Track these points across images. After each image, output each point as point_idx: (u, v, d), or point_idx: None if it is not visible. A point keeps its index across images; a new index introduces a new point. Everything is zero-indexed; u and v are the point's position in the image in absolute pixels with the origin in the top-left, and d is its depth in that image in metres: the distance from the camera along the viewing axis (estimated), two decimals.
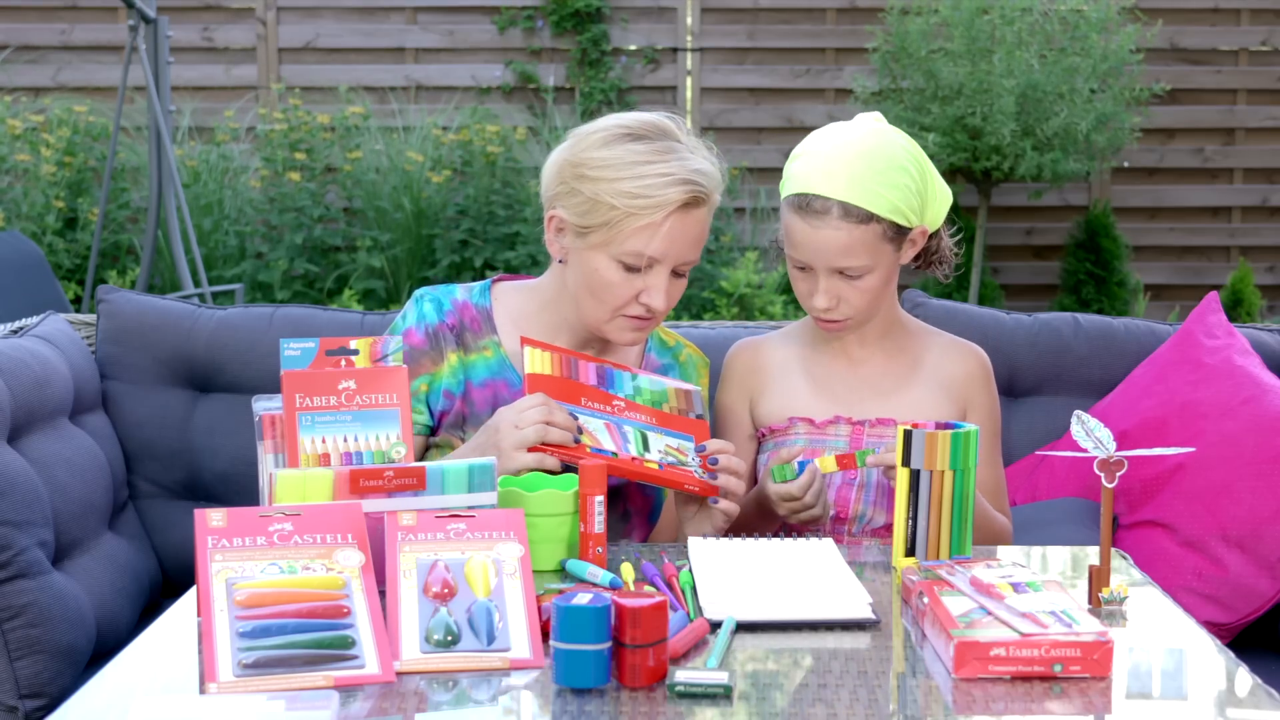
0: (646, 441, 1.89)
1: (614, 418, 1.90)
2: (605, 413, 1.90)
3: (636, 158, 1.93)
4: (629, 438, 1.89)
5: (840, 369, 2.09)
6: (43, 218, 6.07)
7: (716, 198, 1.98)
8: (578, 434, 1.83)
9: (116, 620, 2.21)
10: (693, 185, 1.92)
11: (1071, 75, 5.99)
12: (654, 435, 1.91)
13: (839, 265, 1.97)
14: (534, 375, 1.88)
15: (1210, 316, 2.47)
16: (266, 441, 1.67)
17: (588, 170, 1.94)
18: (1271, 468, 2.26)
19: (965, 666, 1.37)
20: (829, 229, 1.95)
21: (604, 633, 1.33)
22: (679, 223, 1.93)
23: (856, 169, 1.95)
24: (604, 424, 1.88)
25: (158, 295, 2.66)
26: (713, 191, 1.97)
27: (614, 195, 1.91)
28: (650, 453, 1.88)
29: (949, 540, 1.72)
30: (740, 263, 6.19)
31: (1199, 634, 1.53)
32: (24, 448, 2.11)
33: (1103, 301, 6.53)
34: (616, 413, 1.91)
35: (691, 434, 1.94)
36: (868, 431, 2.04)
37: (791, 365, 2.12)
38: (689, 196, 1.92)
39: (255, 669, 1.35)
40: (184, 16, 6.79)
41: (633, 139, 1.95)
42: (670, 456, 1.88)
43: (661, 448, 1.89)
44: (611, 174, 1.92)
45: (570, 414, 1.85)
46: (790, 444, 2.06)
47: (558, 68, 6.86)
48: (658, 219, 1.91)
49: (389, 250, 6.28)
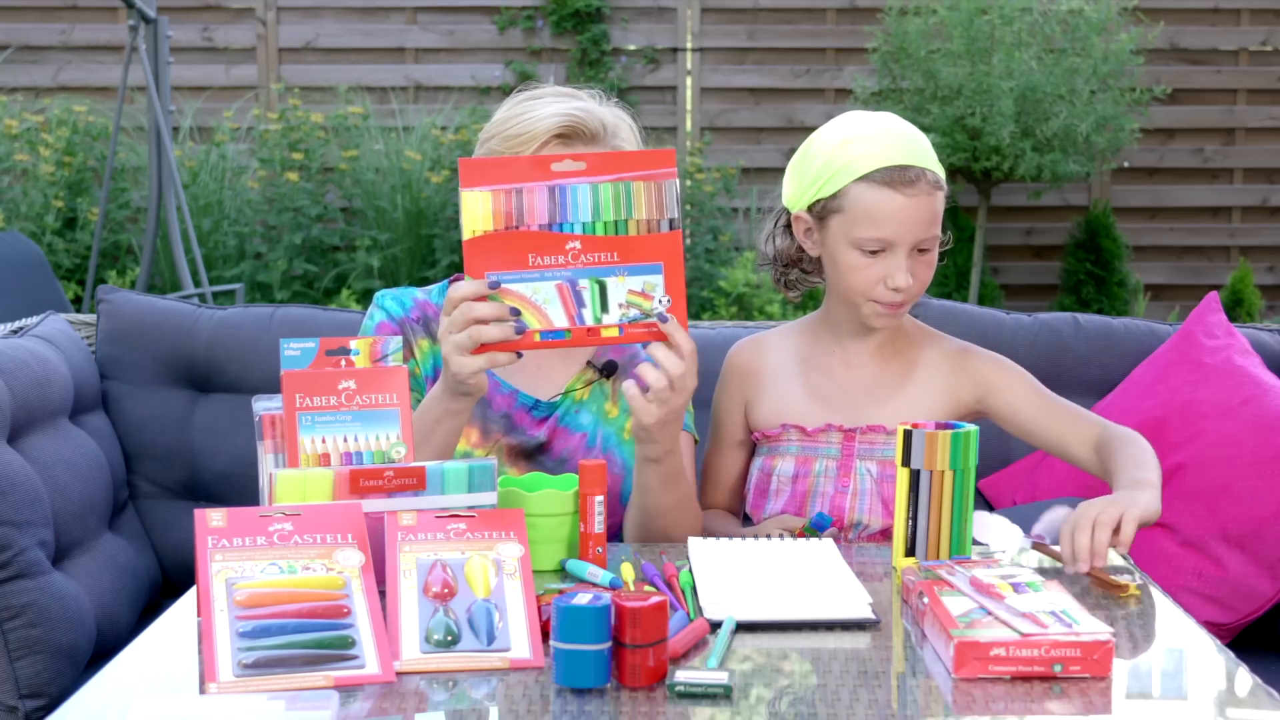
0: (605, 294, 1.71)
1: (567, 271, 1.70)
2: (556, 267, 1.70)
3: (525, 108, 1.98)
4: (584, 298, 1.70)
5: (837, 373, 2.07)
6: (42, 218, 6.07)
7: (615, 142, 1.97)
8: (516, 320, 1.69)
9: (116, 620, 2.21)
10: (570, 117, 1.94)
11: (1071, 76, 6.00)
12: (614, 282, 1.71)
13: (926, 235, 1.96)
14: (472, 241, 1.69)
15: (1210, 316, 2.47)
16: (266, 441, 1.67)
17: (487, 131, 2.00)
18: (1271, 468, 2.26)
19: (965, 666, 1.37)
20: (923, 196, 1.95)
21: (604, 633, 1.33)
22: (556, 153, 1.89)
23: (920, 143, 1.98)
24: (555, 286, 1.70)
25: (158, 295, 2.66)
26: (597, 130, 1.95)
27: (501, 141, 1.96)
28: (609, 311, 1.70)
29: (949, 540, 1.72)
30: (738, 262, 6.19)
31: (1199, 634, 1.53)
32: (24, 448, 2.11)
33: (1103, 301, 6.53)
34: (571, 260, 1.70)
35: (661, 259, 1.72)
36: (859, 439, 2.02)
37: (788, 368, 2.10)
38: (562, 127, 1.93)
39: (255, 669, 1.35)
40: (184, 16, 6.79)
41: (529, 99, 2.00)
42: (633, 309, 1.71)
43: (622, 298, 1.71)
44: (502, 126, 1.98)
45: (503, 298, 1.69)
46: (783, 450, 2.06)
47: (558, 68, 6.86)
48: (531, 150, 1.93)
49: (388, 250, 6.29)
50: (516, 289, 1.69)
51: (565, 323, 1.70)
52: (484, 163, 1.70)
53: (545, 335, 1.70)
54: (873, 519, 2.00)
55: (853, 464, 2.02)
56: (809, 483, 2.02)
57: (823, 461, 2.03)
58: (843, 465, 2.02)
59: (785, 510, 2.03)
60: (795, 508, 2.02)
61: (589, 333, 1.70)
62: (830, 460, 2.02)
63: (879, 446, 2.01)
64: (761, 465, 2.08)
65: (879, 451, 2.01)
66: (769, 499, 2.05)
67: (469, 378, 1.72)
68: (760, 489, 2.07)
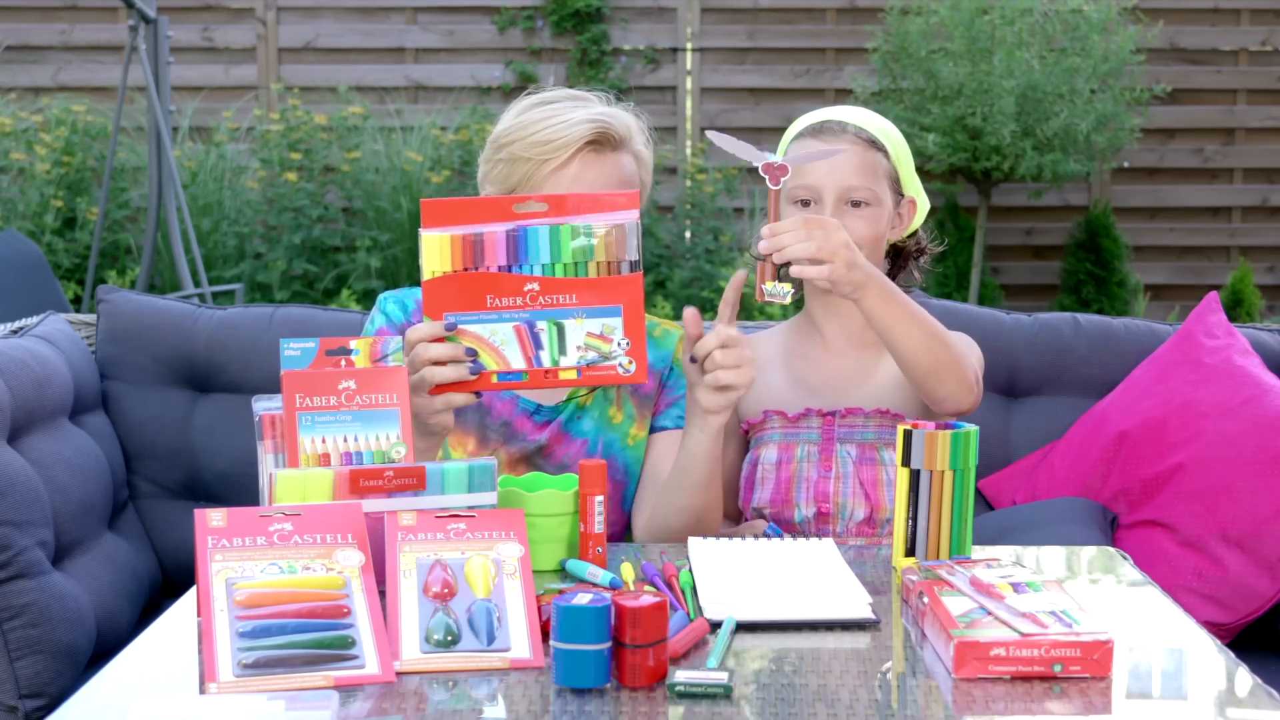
0: (563, 336, 1.72)
1: (524, 314, 1.71)
2: (514, 309, 1.71)
3: (546, 113, 1.98)
4: (542, 340, 1.71)
5: (819, 361, 2.12)
6: (41, 217, 6.07)
7: (637, 147, 2.00)
8: (473, 361, 1.70)
9: (116, 620, 2.21)
10: (601, 122, 1.95)
11: (1072, 76, 6.00)
12: (572, 324, 1.72)
13: (851, 184, 2.01)
14: (430, 282, 1.71)
15: (1210, 316, 2.47)
16: (266, 441, 1.67)
17: (504, 138, 1.99)
18: (1271, 468, 2.26)
19: (965, 666, 1.37)
20: (844, 146, 2.01)
21: (604, 633, 1.33)
22: (592, 164, 1.94)
23: (863, 114, 2.10)
24: (513, 327, 1.71)
25: (158, 295, 2.66)
26: (625, 135, 1.98)
27: (526, 148, 1.95)
28: (567, 353, 1.71)
29: (949, 540, 1.72)
30: (739, 263, 6.19)
31: (1199, 634, 1.53)
32: (24, 448, 2.11)
33: (1103, 301, 6.53)
34: (529, 302, 1.71)
35: (621, 301, 1.72)
36: (838, 422, 2.06)
37: (774, 359, 2.15)
38: (594, 134, 1.94)
39: (255, 669, 1.35)
40: (184, 16, 6.79)
41: (544, 104, 2.00)
42: (591, 351, 1.72)
43: (580, 341, 1.72)
44: (523, 132, 1.97)
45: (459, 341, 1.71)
46: (766, 438, 2.08)
47: (558, 68, 6.86)
48: (563, 159, 1.93)
49: (388, 250, 6.29)
50: (474, 330, 1.71)
51: (523, 364, 1.71)
52: (445, 203, 1.72)
53: (502, 377, 1.71)
54: (856, 505, 2.03)
55: (833, 448, 2.05)
56: (792, 469, 2.05)
57: (804, 447, 2.06)
58: (824, 450, 2.05)
59: (773, 501, 2.06)
60: (780, 497, 2.05)
61: (546, 374, 1.72)
62: (811, 445, 2.06)
63: (857, 429, 2.06)
64: (749, 457, 2.11)
65: (857, 435, 2.05)
66: (755, 489, 2.08)
67: (429, 417, 1.75)
68: (748, 481, 2.10)
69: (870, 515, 2.02)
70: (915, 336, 1.88)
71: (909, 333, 1.88)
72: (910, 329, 1.88)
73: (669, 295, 6.22)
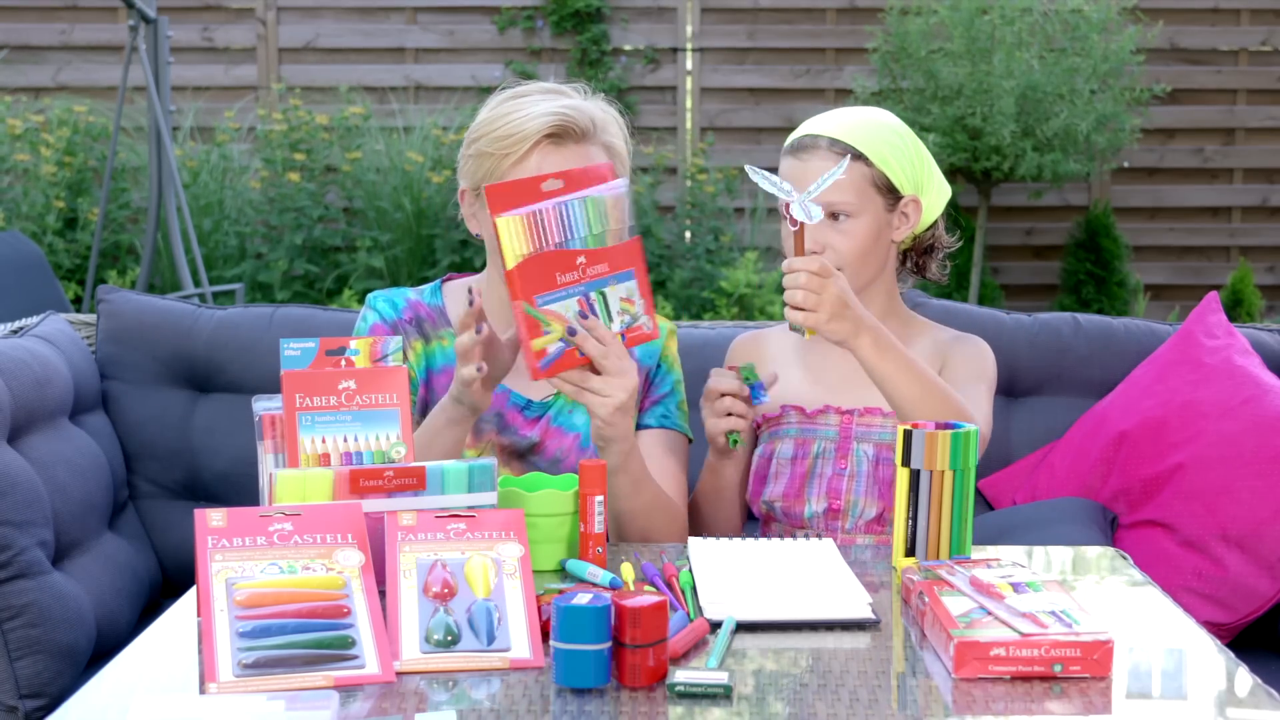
0: (608, 304, 1.80)
1: (581, 287, 1.78)
2: (574, 284, 1.78)
3: (510, 108, 1.95)
4: (596, 310, 1.79)
5: (835, 357, 2.10)
6: (43, 218, 6.07)
7: (607, 139, 1.96)
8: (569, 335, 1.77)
9: (116, 620, 2.21)
10: (560, 115, 1.91)
11: (1072, 76, 5.99)
12: (610, 292, 1.80)
13: (825, 199, 1.99)
14: (517, 268, 1.74)
15: (1210, 316, 2.47)
16: (266, 441, 1.67)
17: (474, 133, 1.98)
18: (1271, 468, 2.26)
19: (965, 666, 1.37)
20: (816, 160, 2.02)
21: (604, 633, 1.33)
22: (550, 156, 1.91)
23: (849, 119, 2.07)
24: (577, 301, 1.78)
25: (158, 295, 2.66)
26: (588, 127, 1.93)
27: (489, 143, 1.94)
28: (613, 320, 1.80)
29: (949, 540, 1.72)
30: (740, 263, 6.18)
31: (1199, 634, 1.53)
32: (24, 448, 2.11)
33: (1103, 301, 6.53)
34: (582, 275, 1.78)
35: (633, 265, 1.81)
36: (856, 420, 2.06)
37: (789, 355, 2.15)
38: (552, 127, 1.91)
39: (255, 669, 1.35)
40: (184, 16, 6.79)
41: (513, 98, 1.97)
42: (625, 315, 1.81)
43: (618, 307, 1.81)
44: (489, 127, 1.95)
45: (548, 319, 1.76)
46: (783, 433, 2.08)
47: (558, 68, 6.86)
48: (521, 152, 1.91)
49: (389, 250, 6.28)
50: (555, 308, 1.77)
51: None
52: (505, 188, 1.75)
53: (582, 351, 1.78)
54: (868, 504, 2.03)
55: (850, 446, 2.05)
56: (807, 464, 2.05)
57: (821, 443, 2.06)
58: (840, 447, 2.05)
59: (785, 494, 2.06)
60: (793, 491, 2.05)
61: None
62: (829, 442, 2.06)
63: (875, 429, 2.05)
64: (762, 450, 2.10)
65: (875, 434, 2.05)
66: (768, 483, 2.07)
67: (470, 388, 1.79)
68: (760, 474, 2.09)
69: (881, 514, 2.02)
70: (911, 390, 1.89)
71: (905, 385, 1.89)
72: (906, 382, 1.89)
73: (669, 295, 6.22)
